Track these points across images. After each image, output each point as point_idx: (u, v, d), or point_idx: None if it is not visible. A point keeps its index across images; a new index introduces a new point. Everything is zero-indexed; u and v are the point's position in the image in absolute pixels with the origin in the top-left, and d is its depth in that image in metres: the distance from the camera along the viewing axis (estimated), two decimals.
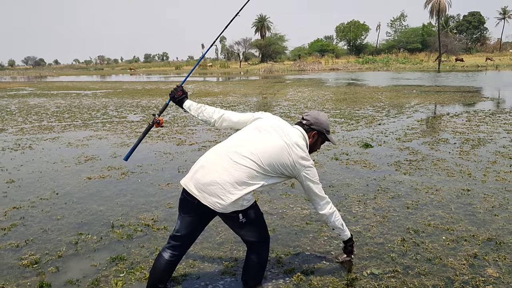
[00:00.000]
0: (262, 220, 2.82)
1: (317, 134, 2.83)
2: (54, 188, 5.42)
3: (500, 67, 44.21)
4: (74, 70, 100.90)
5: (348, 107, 13.78)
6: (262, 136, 2.65)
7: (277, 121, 2.76)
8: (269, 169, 2.58)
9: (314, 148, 2.88)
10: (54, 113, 13.76)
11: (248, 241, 2.81)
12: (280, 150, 2.59)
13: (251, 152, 2.56)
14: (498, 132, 8.69)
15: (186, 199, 2.64)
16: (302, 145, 2.69)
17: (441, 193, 4.90)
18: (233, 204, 2.52)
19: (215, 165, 2.56)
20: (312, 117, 2.83)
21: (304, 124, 2.82)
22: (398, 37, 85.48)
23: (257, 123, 2.74)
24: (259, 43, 79.61)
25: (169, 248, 2.79)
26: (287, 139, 2.64)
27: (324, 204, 2.80)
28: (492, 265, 3.23)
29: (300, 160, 2.63)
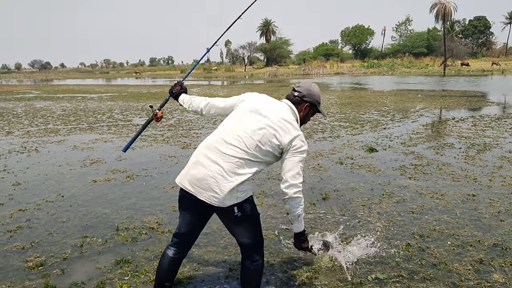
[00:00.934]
0: (258, 220, 2.78)
1: (309, 106, 2.74)
2: (59, 190, 5.45)
3: (506, 72, 44.00)
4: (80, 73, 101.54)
5: (353, 111, 13.76)
6: (247, 119, 2.58)
7: (262, 100, 2.68)
8: (257, 154, 2.53)
9: (305, 121, 2.80)
10: (60, 116, 13.84)
11: (243, 243, 2.75)
12: (266, 131, 2.52)
13: (236, 140, 2.52)
14: (504, 137, 8.65)
15: (184, 196, 2.66)
16: (290, 119, 2.61)
17: (446, 198, 4.88)
18: (228, 197, 2.51)
19: (206, 159, 2.55)
20: (304, 88, 2.74)
21: (295, 96, 2.72)
22: (403, 41, 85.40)
23: (242, 106, 2.68)
24: (264, 47, 79.80)
25: (172, 246, 2.82)
26: (273, 117, 2.56)
27: (293, 185, 2.56)
28: (498, 270, 3.21)
29: (288, 135, 2.54)
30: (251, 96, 2.71)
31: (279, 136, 2.52)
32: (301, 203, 2.64)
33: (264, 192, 5.22)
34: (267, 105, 2.62)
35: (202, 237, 3.86)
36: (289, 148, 2.54)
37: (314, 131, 9.84)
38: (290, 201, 2.59)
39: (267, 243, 3.76)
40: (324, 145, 8.24)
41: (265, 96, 2.73)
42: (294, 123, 2.62)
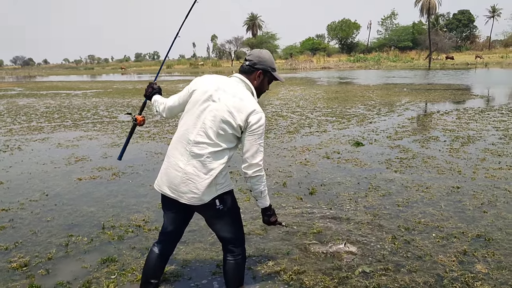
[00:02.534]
0: (239, 214, 2.79)
1: (262, 74, 2.63)
2: (43, 189, 5.38)
3: (489, 65, 44.60)
4: (64, 69, 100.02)
5: (339, 105, 13.82)
6: (202, 110, 2.51)
7: (211, 84, 2.57)
8: (223, 142, 2.50)
9: (262, 89, 2.70)
10: (43, 113, 13.64)
11: (224, 238, 2.76)
12: (223, 117, 2.46)
13: (200, 135, 2.49)
14: (487, 129, 8.77)
15: (165, 197, 2.67)
16: (243, 95, 2.53)
17: (432, 191, 4.94)
18: (207, 192, 2.51)
19: (178, 161, 2.53)
20: (254, 56, 2.64)
21: (247, 65, 2.63)
22: (389, 35, 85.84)
23: (194, 97, 2.58)
24: (251, 41, 79.48)
25: (158, 243, 2.83)
26: (226, 99, 2.49)
27: (252, 164, 2.53)
28: (481, 261, 3.26)
29: (243, 113, 2.47)
30: (200, 83, 2.62)
31: (236, 117, 2.46)
32: (262, 180, 2.60)
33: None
34: (217, 88, 2.53)
35: (189, 234, 3.85)
36: (246, 126, 2.49)
37: (301, 126, 9.86)
38: (250, 180, 2.58)
39: (255, 238, 3.77)
40: (311, 139, 8.26)
41: (213, 77, 2.64)
42: (248, 96, 2.55)
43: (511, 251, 3.41)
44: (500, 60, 50.08)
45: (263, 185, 2.62)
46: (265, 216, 2.79)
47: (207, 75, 2.68)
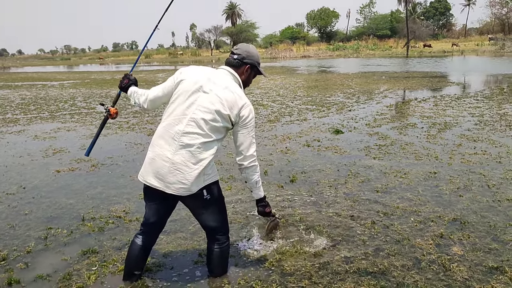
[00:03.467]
0: (224, 203, 2.83)
1: (249, 68, 2.69)
2: (20, 182, 5.28)
3: (465, 53, 45.36)
4: (40, 60, 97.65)
5: (319, 94, 13.89)
6: (193, 101, 2.51)
7: (201, 75, 2.58)
8: (213, 133, 2.51)
9: (247, 83, 2.76)
10: (19, 105, 13.33)
11: (210, 227, 2.79)
12: (215, 108, 2.48)
13: (190, 125, 2.49)
14: (463, 115, 8.95)
15: (149, 188, 2.65)
16: (234, 88, 2.56)
17: (409, 176, 5.03)
18: (195, 183, 2.52)
19: (166, 151, 2.52)
20: (242, 50, 2.69)
21: (235, 59, 2.66)
22: (367, 24, 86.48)
23: (182, 87, 2.56)
24: (230, 30, 78.99)
25: (140, 234, 2.83)
26: (217, 90, 2.51)
27: (247, 156, 2.61)
28: (457, 243, 3.36)
29: (235, 106, 2.51)
30: (189, 73, 2.60)
31: (228, 109, 2.49)
32: (257, 171, 2.68)
33: (233, 176, 5.22)
34: (208, 79, 2.54)
35: (170, 223, 3.84)
36: (238, 120, 2.53)
37: (281, 115, 9.89)
38: (246, 170, 2.65)
39: (236, 226, 3.79)
40: (292, 128, 8.30)
41: (201, 68, 2.65)
42: (238, 89, 2.59)
43: (485, 233, 3.52)
44: (476, 47, 50.97)
45: (257, 175, 2.71)
46: (260, 207, 2.88)
47: (194, 66, 2.68)
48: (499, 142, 6.55)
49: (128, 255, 2.90)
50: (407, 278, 2.89)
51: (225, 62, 2.71)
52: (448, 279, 2.86)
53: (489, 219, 3.77)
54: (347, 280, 2.89)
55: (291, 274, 2.99)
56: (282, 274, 2.99)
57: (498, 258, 3.11)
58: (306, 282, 2.88)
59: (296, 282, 2.89)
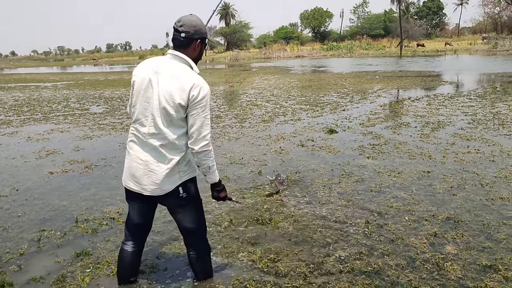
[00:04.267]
0: (201, 204, 2.78)
1: (200, 43, 2.52)
2: (13, 184, 5.24)
3: (458, 52, 45.59)
4: (33, 61, 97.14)
5: (313, 94, 13.91)
6: (147, 100, 2.43)
7: (147, 70, 2.45)
8: (176, 128, 2.44)
9: (199, 57, 2.60)
10: (12, 106, 13.24)
11: (186, 228, 2.73)
12: (168, 98, 2.38)
13: (151, 126, 2.43)
14: (457, 114, 8.99)
15: (129, 190, 2.65)
16: (182, 73, 2.43)
17: (403, 176, 5.04)
18: (170, 181, 2.51)
19: (138, 153, 2.51)
20: (189, 26, 2.45)
21: (183, 38, 2.45)
22: (361, 23, 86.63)
23: (136, 88, 2.48)
24: (224, 31, 78.87)
25: (128, 240, 2.79)
26: (166, 81, 2.39)
27: (199, 139, 2.44)
28: (451, 242, 3.37)
29: (185, 91, 2.37)
30: (137, 72, 2.50)
31: (178, 98, 2.37)
32: (210, 155, 2.51)
33: (227, 176, 5.21)
34: (154, 72, 2.42)
35: (163, 224, 3.84)
36: (188, 101, 2.38)
37: (275, 115, 9.89)
38: (197, 155, 2.48)
39: (229, 227, 3.79)
40: (286, 128, 8.30)
41: (149, 61, 2.52)
42: (185, 72, 2.44)
43: (479, 232, 3.53)
44: (469, 47, 51.20)
45: (211, 160, 2.53)
46: (214, 192, 2.72)
47: (144, 61, 2.55)
48: (492, 140, 6.58)
49: (119, 264, 2.86)
50: (401, 277, 2.90)
51: (172, 42, 2.52)
52: (442, 278, 2.87)
53: (483, 218, 3.79)
54: (341, 280, 2.90)
55: (285, 274, 2.99)
56: (276, 275, 2.99)
57: (491, 256, 3.13)
58: (300, 282, 2.88)
59: (291, 283, 2.89)
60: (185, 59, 2.48)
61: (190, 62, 2.50)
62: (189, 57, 2.50)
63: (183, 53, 2.48)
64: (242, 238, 3.57)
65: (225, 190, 2.76)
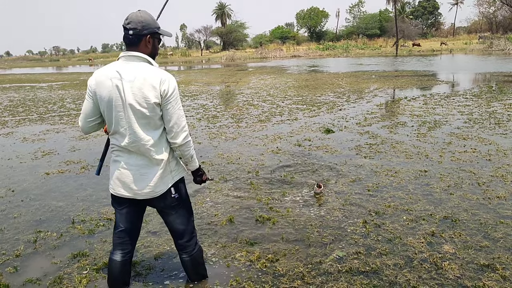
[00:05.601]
0: (191, 206, 2.80)
1: (151, 38, 2.42)
2: (9, 185, 5.21)
3: (454, 51, 45.77)
4: (28, 62, 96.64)
5: (309, 93, 13.91)
6: (115, 109, 2.36)
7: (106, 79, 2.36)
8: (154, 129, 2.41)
9: (155, 53, 2.51)
10: (7, 107, 13.18)
11: (177, 231, 2.72)
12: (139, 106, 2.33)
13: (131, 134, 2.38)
14: (453, 114, 9.02)
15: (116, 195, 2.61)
16: (142, 70, 2.36)
17: (400, 175, 5.05)
18: (164, 182, 2.52)
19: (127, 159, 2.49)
20: (136, 22, 2.37)
21: (131, 35, 2.37)
22: (357, 23, 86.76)
23: (99, 98, 2.39)
24: (220, 31, 78.93)
25: (117, 248, 2.73)
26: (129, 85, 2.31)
27: (179, 131, 2.44)
28: (448, 242, 3.37)
29: (154, 89, 2.33)
30: (99, 83, 2.39)
31: (149, 99, 2.32)
32: (190, 145, 2.54)
33: (224, 177, 5.20)
34: (114, 79, 2.34)
35: (161, 225, 3.82)
36: (161, 98, 2.35)
37: (272, 115, 9.88)
38: (180, 148, 2.50)
39: (226, 228, 3.78)
40: (282, 128, 8.30)
41: (104, 71, 2.40)
42: (147, 70, 2.37)
43: (476, 231, 3.54)
44: (464, 46, 51.43)
45: (191, 149, 2.56)
46: (197, 177, 2.75)
47: (95, 72, 2.44)
48: (489, 140, 6.60)
49: (109, 274, 2.80)
50: (399, 277, 2.89)
51: (124, 42, 2.43)
52: (440, 277, 2.87)
53: (480, 217, 3.80)
54: (339, 280, 2.89)
55: (283, 274, 2.99)
56: (274, 275, 2.98)
57: (489, 255, 3.13)
58: (298, 283, 2.87)
59: (289, 283, 2.88)
60: (141, 56, 2.40)
61: (147, 58, 2.42)
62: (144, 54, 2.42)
63: (136, 51, 2.40)
64: (240, 238, 3.56)
65: (205, 172, 2.78)
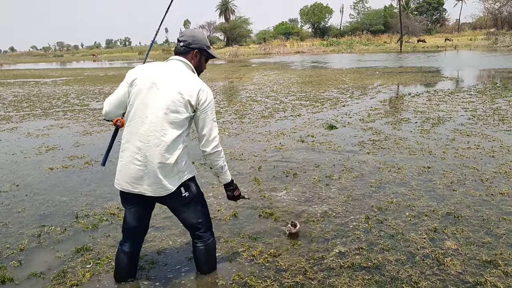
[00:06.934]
0: (204, 199, 2.83)
1: (198, 52, 2.62)
2: (14, 180, 5.24)
3: (459, 47, 45.52)
4: (32, 57, 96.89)
5: (313, 89, 13.89)
6: (151, 99, 2.46)
7: (152, 71, 2.52)
8: (177, 128, 2.46)
9: (200, 68, 2.69)
10: (11, 102, 13.23)
11: (192, 225, 2.76)
12: (173, 100, 2.43)
13: (154, 124, 2.44)
14: (457, 110, 8.99)
15: (125, 193, 2.62)
16: (187, 76, 2.52)
17: (403, 171, 5.04)
18: (171, 181, 2.52)
19: (136, 154, 2.49)
20: (187, 36, 2.61)
21: (182, 46, 2.60)
22: (361, 19, 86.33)
23: (136, 88, 2.49)
24: (224, 26, 78.80)
25: (126, 241, 2.79)
26: (171, 82, 2.46)
27: (210, 141, 2.56)
28: (451, 238, 3.37)
29: (192, 93, 2.46)
30: (139, 72, 2.53)
31: (185, 98, 2.44)
32: (221, 155, 2.65)
33: None
34: (159, 73, 2.50)
35: (163, 220, 3.84)
36: (197, 105, 2.48)
37: (275, 111, 9.88)
38: (209, 157, 2.61)
39: (230, 222, 3.79)
40: (286, 124, 8.30)
41: (151, 64, 2.59)
42: (191, 76, 2.54)
43: (479, 227, 3.54)
44: (469, 42, 51.12)
45: (222, 160, 2.66)
46: (228, 192, 2.84)
47: (138, 66, 2.61)
48: (492, 136, 6.58)
49: (117, 265, 2.86)
50: (401, 273, 2.90)
51: (174, 51, 2.66)
52: (442, 273, 2.88)
53: (483, 213, 3.79)
54: (341, 275, 2.90)
55: (285, 269, 3.00)
56: (276, 270, 3.00)
57: (491, 251, 3.13)
58: (300, 278, 2.88)
59: (291, 278, 2.89)
60: (188, 63, 2.59)
61: (191, 66, 2.60)
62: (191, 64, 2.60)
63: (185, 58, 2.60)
64: (243, 233, 3.58)
65: (238, 188, 2.88)
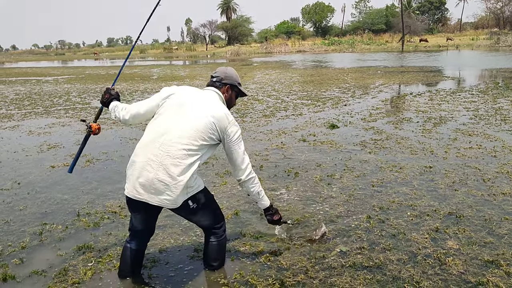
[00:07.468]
0: (213, 202, 2.86)
1: (230, 88, 2.81)
2: (15, 178, 5.25)
3: (460, 47, 45.44)
4: (34, 55, 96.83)
5: (314, 88, 13.88)
6: (181, 114, 2.57)
7: (189, 92, 2.70)
8: (198, 148, 2.53)
9: (231, 104, 2.87)
10: (13, 100, 13.24)
11: (204, 226, 2.85)
12: (203, 121, 2.54)
13: (178, 136, 2.50)
14: (458, 110, 8.97)
15: (132, 200, 2.63)
16: (220, 106, 2.66)
17: (405, 171, 5.04)
18: (180, 195, 2.54)
19: (150, 162, 2.50)
20: (221, 72, 2.82)
21: (215, 81, 2.80)
22: (363, 18, 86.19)
23: (171, 101, 2.64)
24: (225, 25, 78.67)
25: (132, 239, 2.85)
26: (206, 107, 2.60)
27: (243, 169, 2.72)
28: (452, 237, 3.37)
29: (222, 123, 2.58)
30: (177, 90, 2.71)
31: (215, 126, 2.56)
32: (256, 182, 2.77)
33: (228, 172, 5.21)
34: (196, 96, 2.66)
35: (166, 219, 3.84)
36: (225, 137, 2.61)
37: (277, 110, 9.88)
38: (245, 184, 2.74)
39: (231, 221, 3.79)
40: (287, 123, 8.29)
41: (188, 87, 2.76)
42: (224, 107, 2.69)
43: (481, 227, 3.53)
44: (471, 42, 51.02)
45: (257, 185, 2.80)
46: (268, 216, 2.98)
47: (175, 86, 2.77)
48: (494, 136, 6.57)
49: (122, 261, 2.90)
50: (403, 272, 2.90)
51: (207, 85, 2.83)
52: (444, 273, 2.87)
53: (484, 213, 3.79)
54: (343, 275, 2.90)
55: (287, 268, 3.00)
56: (278, 269, 3.00)
57: (493, 251, 3.12)
58: (302, 277, 2.88)
59: (292, 277, 2.89)
60: (221, 95, 2.77)
61: (223, 98, 2.78)
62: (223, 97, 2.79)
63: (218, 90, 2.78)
64: (245, 232, 3.57)
65: (278, 213, 3.00)
